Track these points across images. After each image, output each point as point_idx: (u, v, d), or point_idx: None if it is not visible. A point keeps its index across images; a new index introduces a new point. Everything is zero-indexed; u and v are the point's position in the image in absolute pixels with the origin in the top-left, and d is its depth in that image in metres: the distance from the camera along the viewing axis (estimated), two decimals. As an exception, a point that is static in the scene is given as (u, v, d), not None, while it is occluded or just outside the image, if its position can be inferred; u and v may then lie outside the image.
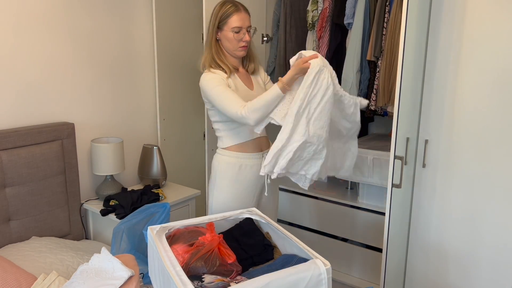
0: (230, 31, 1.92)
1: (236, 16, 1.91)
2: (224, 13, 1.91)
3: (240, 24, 1.91)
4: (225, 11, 1.91)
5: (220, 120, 1.97)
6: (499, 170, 1.78)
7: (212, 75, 1.91)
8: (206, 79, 1.91)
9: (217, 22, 1.93)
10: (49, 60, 2.24)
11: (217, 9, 1.94)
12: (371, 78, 2.46)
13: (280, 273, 1.26)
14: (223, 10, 1.92)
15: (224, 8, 1.92)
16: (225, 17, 1.91)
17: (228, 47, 1.96)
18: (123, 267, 1.58)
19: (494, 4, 1.69)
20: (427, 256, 2.02)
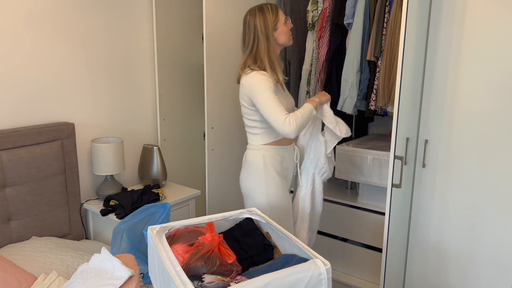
0: (283, 25, 2.01)
1: (279, 11, 2.02)
2: (273, 16, 1.98)
3: (284, 15, 2.03)
4: (272, 12, 1.98)
5: (260, 119, 2.00)
6: (499, 170, 1.78)
7: (264, 76, 1.93)
8: (258, 79, 1.93)
9: (271, 26, 1.97)
10: (49, 60, 2.24)
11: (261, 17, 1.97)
12: (371, 78, 2.46)
13: (280, 273, 1.26)
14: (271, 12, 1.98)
15: (269, 11, 1.98)
16: (275, 17, 1.98)
17: (283, 41, 2.03)
18: (123, 267, 1.58)
19: (494, 4, 1.69)
20: (427, 256, 2.02)
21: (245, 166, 2.10)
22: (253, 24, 1.98)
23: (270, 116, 1.89)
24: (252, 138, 2.08)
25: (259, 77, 1.93)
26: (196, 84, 2.99)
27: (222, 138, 2.55)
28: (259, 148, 2.05)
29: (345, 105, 2.49)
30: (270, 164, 2.04)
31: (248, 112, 2.03)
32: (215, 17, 2.37)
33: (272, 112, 1.88)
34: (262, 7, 1.99)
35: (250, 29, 1.98)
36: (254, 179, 2.06)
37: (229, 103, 2.57)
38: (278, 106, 1.88)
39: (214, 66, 2.41)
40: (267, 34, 1.97)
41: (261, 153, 2.04)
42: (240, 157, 2.69)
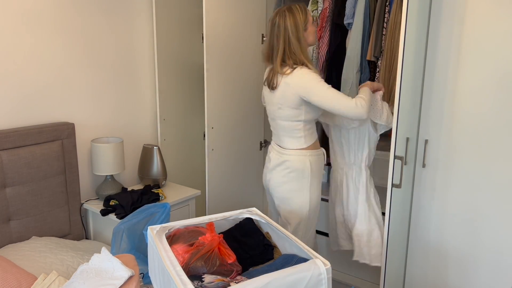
0: (311, 25, 2.02)
1: (308, 11, 2.02)
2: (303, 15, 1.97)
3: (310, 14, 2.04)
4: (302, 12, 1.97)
5: (305, 119, 2.01)
6: (499, 170, 1.78)
7: (310, 70, 1.94)
8: (307, 74, 1.92)
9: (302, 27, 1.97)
10: (49, 60, 2.24)
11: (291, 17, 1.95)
12: (371, 78, 2.46)
13: (280, 273, 1.26)
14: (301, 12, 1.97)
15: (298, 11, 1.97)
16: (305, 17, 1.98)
17: (312, 41, 2.05)
18: (123, 267, 1.58)
19: (494, 4, 1.69)
20: (427, 256, 2.02)
21: (287, 170, 2.08)
22: (283, 26, 1.95)
23: (339, 104, 1.88)
24: (293, 142, 2.07)
25: (307, 71, 1.92)
26: (196, 84, 2.98)
27: (222, 138, 2.55)
28: (304, 153, 2.06)
29: (345, 105, 2.49)
30: (316, 169, 2.09)
31: (293, 114, 2.01)
32: (215, 17, 2.37)
33: (339, 101, 1.88)
34: (291, 7, 1.97)
35: (280, 31, 1.96)
36: (299, 184, 2.07)
37: (229, 103, 2.57)
38: (340, 93, 1.90)
39: (214, 66, 2.41)
40: (298, 35, 1.95)
41: (307, 158, 2.06)
42: (240, 157, 2.70)
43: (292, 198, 2.10)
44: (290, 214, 2.11)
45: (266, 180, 2.21)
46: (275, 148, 2.15)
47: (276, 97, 2.02)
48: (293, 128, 2.04)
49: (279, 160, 2.11)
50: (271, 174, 2.15)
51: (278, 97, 2.00)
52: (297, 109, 1.99)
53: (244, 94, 2.67)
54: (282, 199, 2.13)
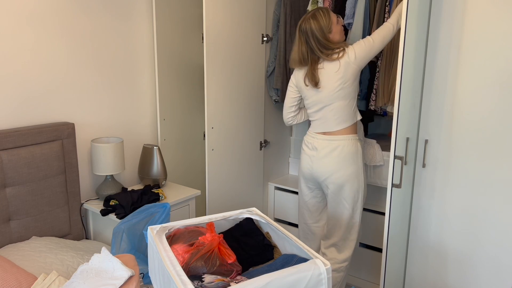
0: (335, 25, 2.17)
1: (332, 12, 2.18)
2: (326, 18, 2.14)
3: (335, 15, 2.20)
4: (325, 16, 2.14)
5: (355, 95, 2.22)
6: (499, 170, 1.78)
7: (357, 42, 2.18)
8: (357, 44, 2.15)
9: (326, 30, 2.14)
10: (50, 60, 2.25)
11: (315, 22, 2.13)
12: (371, 78, 2.46)
13: (280, 273, 1.26)
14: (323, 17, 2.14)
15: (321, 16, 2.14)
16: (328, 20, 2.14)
17: (338, 39, 2.20)
18: (123, 267, 1.58)
19: (494, 5, 1.69)
20: (427, 256, 2.02)
21: (341, 156, 2.20)
22: (309, 30, 2.13)
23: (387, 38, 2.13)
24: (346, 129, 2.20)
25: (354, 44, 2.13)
26: (196, 84, 2.99)
27: (222, 138, 2.55)
28: (354, 138, 2.22)
29: (345, 105, 2.49)
30: (362, 151, 2.26)
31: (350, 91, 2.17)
32: (215, 17, 2.37)
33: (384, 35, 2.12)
34: (315, 14, 2.14)
35: (308, 35, 2.14)
36: (354, 167, 2.21)
37: (229, 103, 2.57)
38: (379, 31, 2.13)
39: (214, 66, 2.41)
40: (325, 36, 2.13)
41: (357, 142, 2.23)
42: (240, 157, 2.70)
43: (350, 181, 2.21)
44: (349, 195, 2.23)
45: (313, 168, 2.27)
46: (320, 138, 2.24)
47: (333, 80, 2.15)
48: (350, 105, 2.19)
49: (330, 147, 2.21)
50: (321, 162, 2.23)
51: (338, 78, 2.14)
52: (354, 82, 2.17)
53: (244, 94, 2.67)
54: (340, 183, 2.22)
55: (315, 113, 2.26)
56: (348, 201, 2.23)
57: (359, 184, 2.23)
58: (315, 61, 2.18)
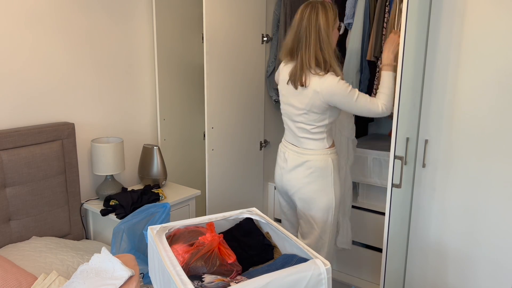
0: (336, 28, 2.01)
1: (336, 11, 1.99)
2: (335, 13, 1.96)
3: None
4: (334, 10, 1.96)
5: (329, 122, 2.03)
6: (499, 170, 1.78)
7: (337, 77, 1.93)
8: (338, 83, 1.90)
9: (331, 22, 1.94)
10: (49, 60, 2.25)
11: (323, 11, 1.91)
12: (371, 78, 2.46)
13: (280, 273, 1.26)
14: (332, 10, 1.95)
15: (330, 9, 1.94)
16: (335, 16, 1.97)
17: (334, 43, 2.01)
18: (123, 267, 1.58)
19: (494, 4, 1.69)
20: (427, 256, 2.02)
21: (310, 170, 2.05)
22: (315, 20, 1.89)
23: (366, 111, 1.95)
24: (315, 144, 2.05)
25: (336, 79, 1.91)
26: (196, 84, 2.98)
27: (222, 138, 2.55)
28: (325, 152, 2.06)
29: (345, 105, 2.49)
30: (337, 167, 2.11)
31: (318, 119, 2.00)
32: (215, 17, 2.37)
33: (369, 108, 1.93)
34: (325, 4, 1.93)
35: (311, 26, 1.89)
36: (323, 183, 2.06)
37: (229, 103, 2.57)
38: (369, 100, 1.93)
39: (214, 66, 2.41)
40: (328, 33, 1.91)
41: (329, 157, 2.07)
42: (240, 157, 2.70)
43: (317, 198, 2.07)
44: (317, 214, 2.08)
45: (282, 181, 2.16)
46: (291, 148, 2.11)
47: (302, 102, 1.98)
48: (316, 131, 2.03)
49: (299, 160, 2.07)
50: (290, 175, 2.11)
51: (305, 103, 1.96)
52: (323, 114, 1.99)
53: (244, 94, 2.67)
54: (307, 200, 2.08)
55: (286, 120, 2.13)
56: (315, 220, 2.08)
57: (328, 202, 2.06)
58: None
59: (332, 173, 2.07)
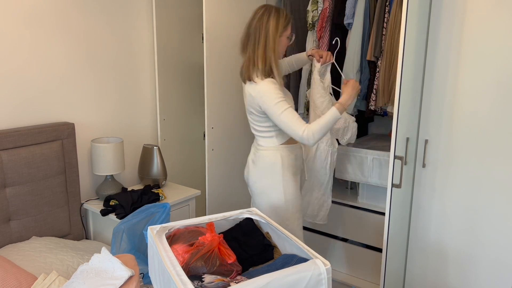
0: (286, 37, 2.00)
1: (291, 24, 2.00)
2: (285, 20, 1.97)
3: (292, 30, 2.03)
4: (286, 20, 1.97)
5: (273, 124, 2.00)
6: (499, 170, 1.78)
7: (272, 85, 1.92)
8: (268, 90, 1.91)
9: (280, 31, 1.95)
10: (50, 60, 2.25)
11: (275, 16, 1.94)
12: (371, 78, 2.46)
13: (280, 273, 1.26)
14: (284, 18, 1.96)
15: (283, 17, 1.96)
16: (286, 24, 1.97)
17: (280, 52, 2.01)
18: (123, 267, 1.58)
19: (494, 4, 1.69)
20: (427, 256, 2.02)
21: (259, 165, 2.09)
22: (265, 23, 1.94)
23: (288, 129, 1.91)
24: (265, 141, 2.07)
25: (269, 87, 1.91)
26: (196, 84, 2.98)
27: (222, 138, 2.55)
28: (275, 148, 2.06)
29: (345, 105, 2.49)
30: (288, 164, 2.07)
31: (258, 119, 2.03)
32: (215, 17, 2.37)
33: (290, 126, 1.89)
34: (280, 10, 1.97)
35: (262, 28, 1.94)
36: (272, 179, 2.06)
37: (229, 103, 2.57)
38: (295, 119, 1.89)
39: (214, 66, 2.41)
40: (275, 39, 1.94)
41: (279, 153, 2.05)
42: (240, 157, 2.70)
43: (267, 193, 2.08)
44: (267, 210, 2.09)
45: (245, 174, 2.21)
46: (254, 142, 2.16)
47: (245, 101, 2.04)
48: (263, 129, 2.05)
49: (255, 155, 2.12)
50: (248, 169, 2.17)
51: (247, 103, 2.03)
52: (262, 116, 2.00)
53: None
54: (259, 195, 2.12)
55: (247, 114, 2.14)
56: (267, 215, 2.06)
57: (278, 199, 2.06)
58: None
59: (281, 169, 2.06)
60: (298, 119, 1.89)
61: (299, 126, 1.88)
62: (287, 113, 1.89)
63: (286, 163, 2.07)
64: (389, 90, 2.32)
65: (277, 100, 1.89)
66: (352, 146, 2.58)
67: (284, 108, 1.89)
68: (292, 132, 1.90)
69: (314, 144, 1.92)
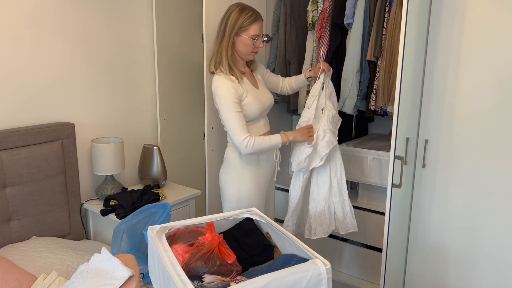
0: (249, 38, 2.00)
1: (256, 25, 2.00)
2: (245, 21, 1.97)
3: (259, 32, 2.03)
4: (247, 19, 1.97)
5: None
6: (499, 170, 1.78)
7: (227, 84, 1.95)
8: (222, 88, 1.96)
9: (236, 28, 1.97)
10: (49, 60, 2.25)
11: (236, 14, 1.97)
12: (371, 78, 2.45)
13: (280, 273, 1.26)
14: (245, 18, 1.97)
15: (245, 16, 1.97)
16: (246, 25, 1.98)
17: (242, 51, 2.04)
18: (123, 267, 1.58)
19: (494, 4, 1.69)
20: (427, 256, 2.02)
21: (225, 161, 2.17)
22: (226, 18, 1.99)
23: (231, 131, 1.97)
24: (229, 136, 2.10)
25: (225, 85, 1.95)
26: (196, 84, 2.98)
27: (222, 138, 2.55)
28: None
29: (345, 105, 2.49)
30: (246, 162, 2.10)
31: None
32: (215, 17, 2.37)
33: (234, 129, 1.96)
34: (245, 8, 1.99)
35: (223, 21, 2.00)
36: (230, 175, 2.12)
37: (229, 103, 2.56)
38: (239, 126, 1.95)
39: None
40: (231, 34, 1.98)
41: (238, 150, 2.07)
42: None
43: (225, 189, 2.15)
44: (225, 203, 2.16)
45: None
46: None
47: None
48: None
49: (225, 151, 2.19)
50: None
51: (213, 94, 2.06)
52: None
53: (244, 94, 2.67)
54: (220, 189, 2.20)
55: None
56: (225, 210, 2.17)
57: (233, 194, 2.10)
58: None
59: (238, 166, 2.09)
60: (244, 125, 1.97)
61: (243, 132, 1.95)
62: (234, 118, 1.95)
63: (245, 161, 2.09)
64: (389, 90, 2.32)
65: (227, 101, 1.94)
66: (352, 146, 2.58)
67: (232, 112, 1.94)
68: (234, 135, 1.96)
69: (244, 154, 1.99)
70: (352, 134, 2.90)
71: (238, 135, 1.95)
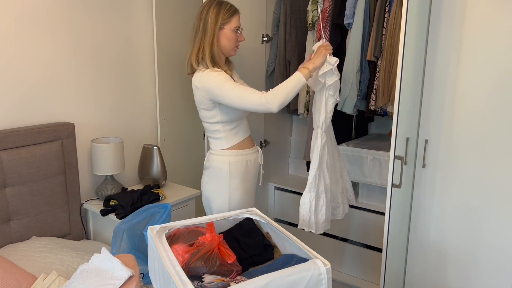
0: (231, 30, 1.96)
1: (237, 17, 1.97)
2: (226, 14, 1.94)
3: (239, 24, 1.98)
4: (227, 12, 1.94)
5: (221, 120, 1.98)
6: (499, 170, 1.78)
7: (216, 72, 1.90)
8: (212, 76, 1.89)
9: (220, 22, 1.93)
10: (49, 60, 2.24)
11: (215, 9, 1.94)
12: (371, 78, 2.45)
13: (280, 273, 1.26)
14: (225, 11, 1.94)
15: (225, 9, 1.94)
16: (228, 17, 1.94)
17: (225, 45, 1.98)
18: (123, 267, 1.58)
19: (494, 4, 1.69)
20: (427, 256, 2.02)
21: (209, 170, 2.08)
22: (205, 15, 1.94)
23: (246, 98, 1.81)
24: (215, 143, 2.06)
25: (212, 74, 1.90)
26: (196, 84, 2.98)
27: (222, 138, 2.55)
28: (224, 154, 2.03)
29: (345, 105, 2.49)
30: (235, 170, 2.03)
31: (207, 116, 2.00)
32: (215, 17, 2.37)
33: (246, 94, 1.81)
34: (222, 2, 1.96)
35: (202, 18, 1.94)
36: (218, 184, 2.04)
37: (229, 103, 2.56)
38: (247, 89, 1.84)
39: (214, 66, 2.41)
40: (214, 29, 1.92)
41: (227, 158, 2.02)
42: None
43: (212, 199, 2.07)
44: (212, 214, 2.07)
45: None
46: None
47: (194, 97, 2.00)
48: (212, 129, 2.03)
49: (207, 159, 2.10)
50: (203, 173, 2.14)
51: (195, 98, 1.99)
52: (211, 110, 1.97)
53: (244, 94, 2.67)
54: (205, 199, 2.11)
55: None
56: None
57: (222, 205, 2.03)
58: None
59: (228, 175, 2.02)
60: (252, 89, 1.85)
61: (254, 93, 1.81)
62: (238, 88, 1.83)
63: (234, 169, 2.03)
64: (389, 90, 2.32)
65: (224, 81, 1.86)
66: (352, 146, 2.58)
67: (235, 84, 1.85)
68: (249, 102, 1.80)
69: (278, 108, 1.78)
70: (352, 134, 2.90)
71: (253, 98, 1.80)
